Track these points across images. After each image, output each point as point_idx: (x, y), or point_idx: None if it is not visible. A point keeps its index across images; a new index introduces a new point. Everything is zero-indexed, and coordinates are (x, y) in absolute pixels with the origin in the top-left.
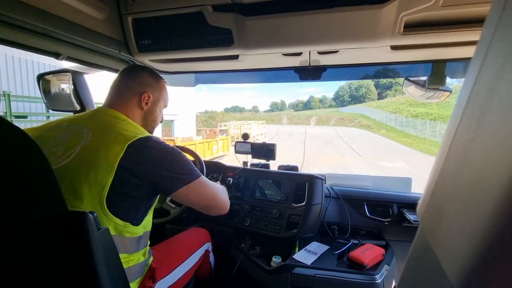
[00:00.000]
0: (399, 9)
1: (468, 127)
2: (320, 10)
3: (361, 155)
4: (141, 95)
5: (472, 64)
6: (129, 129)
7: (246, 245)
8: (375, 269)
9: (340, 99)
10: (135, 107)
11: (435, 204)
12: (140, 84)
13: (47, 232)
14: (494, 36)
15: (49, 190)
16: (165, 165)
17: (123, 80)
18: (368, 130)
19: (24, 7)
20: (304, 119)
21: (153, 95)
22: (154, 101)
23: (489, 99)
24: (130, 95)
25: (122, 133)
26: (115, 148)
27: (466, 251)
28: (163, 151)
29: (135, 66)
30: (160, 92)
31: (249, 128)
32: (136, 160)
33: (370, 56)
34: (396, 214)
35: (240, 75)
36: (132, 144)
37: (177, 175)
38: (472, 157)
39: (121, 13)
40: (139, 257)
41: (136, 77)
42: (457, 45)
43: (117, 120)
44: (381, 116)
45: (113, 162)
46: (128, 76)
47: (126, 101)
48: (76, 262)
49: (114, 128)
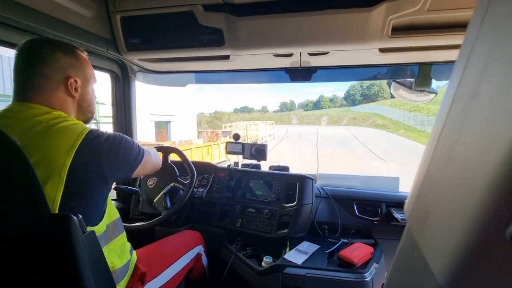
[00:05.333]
0: (387, 12)
1: (453, 128)
2: (311, 12)
3: (384, 159)
4: (66, 82)
5: (455, 67)
6: (70, 126)
7: (237, 245)
8: (364, 267)
9: (351, 98)
10: (64, 98)
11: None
12: (59, 70)
13: (31, 235)
14: (476, 40)
15: (31, 192)
16: (119, 159)
17: (33, 67)
18: (385, 130)
19: (7, 3)
20: (315, 118)
21: (79, 77)
22: (83, 83)
23: (472, 101)
24: (53, 87)
25: (66, 134)
26: (61, 154)
27: (451, 249)
28: (113, 144)
29: (38, 43)
30: (84, 69)
31: (256, 129)
32: (88, 161)
33: (360, 58)
34: (385, 213)
35: (231, 75)
36: (81, 145)
37: (129, 164)
38: (457, 157)
39: (109, 11)
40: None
41: (51, 61)
42: (442, 49)
43: (50, 118)
44: (398, 115)
45: (61, 171)
46: (39, 61)
47: (50, 95)
48: (61, 265)
49: (53, 128)
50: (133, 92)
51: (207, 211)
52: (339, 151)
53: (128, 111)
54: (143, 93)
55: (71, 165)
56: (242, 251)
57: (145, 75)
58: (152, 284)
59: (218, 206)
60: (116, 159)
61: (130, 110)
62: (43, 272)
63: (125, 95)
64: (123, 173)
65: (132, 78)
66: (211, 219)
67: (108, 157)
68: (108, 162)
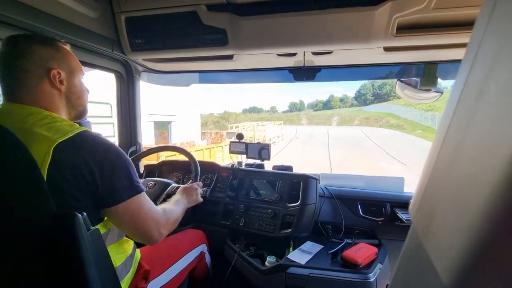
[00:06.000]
0: (392, 11)
1: (458, 127)
2: (314, 11)
3: (404, 163)
4: (49, 74)
5: (462, 66)
6: (53, 126)
7: (240, 245)
8: (368, 268)
9: (362, 98)
10: (50, 92)
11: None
12: (39, 63)
13: (36, 233)
14: (483, 38)
15: (37, 190)
16: (108, 173)
17: (14, 63)
18: (400, 131)
19: (14, 5)
20: (325, 119)
21: (62, 69)
22: (68, 75)
23: (478, 100)
24: (37, 82)
25: (43, 135)
26: (38, 154)
27: (458, 251)
28: (105, 152)
29: (15, 38)
30: (68, 61)
31: (263, 130)
32: (70, 166)
33: (364, 57)
34: (389, 213)
35: (235, 75)
36: (60, 146)
37: (119, 187)
38: (463, 157)
39: (114, 11)
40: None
41: (29, 55)
42: (448, 47)
43: (33, 118)
44: (413, 114)
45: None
46: (16, 55)
47: (36, 91)
48: (66, 262)
49: (34, 130)
50: (138, 91)
51: (211, 210)
52: (352, 153)
53: (133, 110)
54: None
55: (48, 167)
56: (246, 251)
57: (149, 75)
58: (156, 282)
59: (221, 205)
60: (105, 170)
61: (134, 110)
62: (49, 269)
63: (129, 95)
64: (106, 192)
65: (136, 78)
66: (214, 218)
67: (94, 163)
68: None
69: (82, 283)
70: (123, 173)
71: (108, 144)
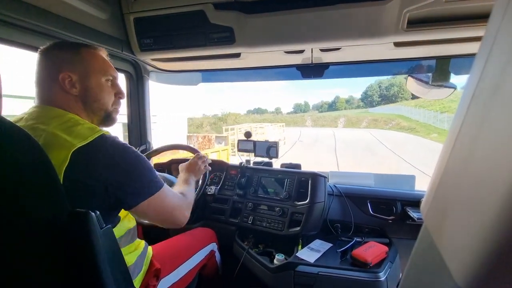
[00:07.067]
0: (403, 5)
1: (473, 124)
2: (322, 7)
3: (429, 174)
4: (58, 77)
5: (476, 60)
6: (74, 130)
7: (249, 243)
8: (378, 266)
9: (369, 99)
10: (64, 95)
11: (439, 202)
12: (53, 65)
13: (50, 231)
14: (499, 31)
15: (51, 189)
16: (127, 175)
17: (38, 67)
18: (413, 134)
19: (25, 7)
20: (331, 120)
21: (74, 72)
22: (82, 78)
23: (494, 96)
24: (51, 84)
25: (64, 138)
26: (57, 158)
27: (471, 250)
28: (123, 153)
29: (47, 46)
30: (85, 63)
31: (262, 133)
32: (88, 171)
33: (373, 53)
34: (400, 212)
35: (242, 73)
36: (79, 151)
37: (140, 187)
38: (477, 155)
39: (123, 12)
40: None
41: (50, 57)
42: (461, 41)
43: (57, 120)
44: (425, 116)
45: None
46: (44, 56)
47: (52, 94)
48: (79, 261)
49: (56, 133)
50: (147, 91)
51: (219, 208)
52: (364, 161)
53: (143, 110)
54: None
55: (65, 171)
56: (254, 248)
57: (157, 74)
58: (167, 280)
59: (229, 203)
60: (124, 175)
61: (144, 110)
62: (64, 267)
63: (139, 95)
64: (127, 195)
65: (145, 78)
66: (223, 216)
67: (113, 167)
68: (110, 174)
69: (96, 281)
70: (142, 173)
71: (125, 146)
